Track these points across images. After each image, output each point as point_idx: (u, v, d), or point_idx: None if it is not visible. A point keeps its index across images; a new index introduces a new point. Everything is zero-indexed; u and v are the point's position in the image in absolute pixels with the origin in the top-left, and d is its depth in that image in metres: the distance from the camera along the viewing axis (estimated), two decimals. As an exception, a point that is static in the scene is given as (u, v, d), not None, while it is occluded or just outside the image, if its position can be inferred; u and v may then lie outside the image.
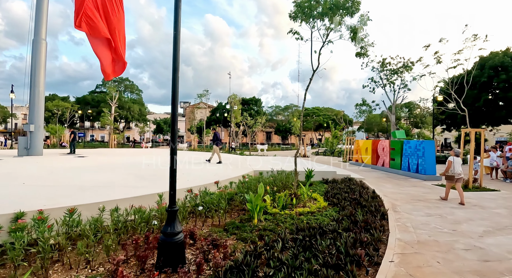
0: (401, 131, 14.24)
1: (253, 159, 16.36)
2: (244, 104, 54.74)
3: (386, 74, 29.09)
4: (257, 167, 11.41)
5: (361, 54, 6.60)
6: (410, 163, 12.32)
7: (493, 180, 11.82)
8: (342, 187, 8.76)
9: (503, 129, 40.24)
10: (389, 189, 9.07)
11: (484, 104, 23.49)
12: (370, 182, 10.52)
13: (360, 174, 12.61)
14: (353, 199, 7.03)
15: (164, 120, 58.82)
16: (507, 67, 21.64)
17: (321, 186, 9.24)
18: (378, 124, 52.74)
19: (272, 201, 6.48)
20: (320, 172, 10.61)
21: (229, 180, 7.94)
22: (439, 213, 6.06)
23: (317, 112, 58.63)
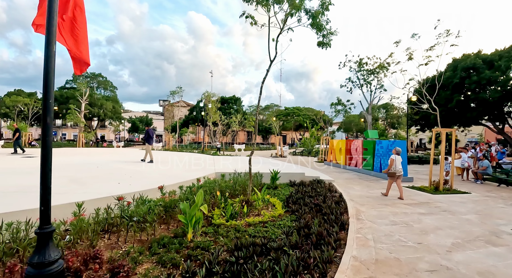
0: (373, 130, 13.85)
1: (223, 159, 15.46)
2: (224, 103, 53.62)
3: (363, 74, 29.12)
4: (221, 168, 10.53)
5: (324, 44, 5.89)
6: (382, 164, 11.89)
7: (464, 181, 11.60)
8: (308, 191, 8.07)
9: (474, 130, 41.61)
10: (357, 192, 8.48)
11: (456, 105, 23.81)
12: (339, 184, 9.93)
13: (331, 175, 12.05)
14: (316, 205, 6.33)
15: (140, 118, 56.49)
16: (479, 69, 22.00)
17: (286, 190, 8.52)
18: (357, 125, 53.30)
19: (223, 209, 5.64)
20: (287, 174, 9.89)
21: (181, 183, 7.01)
22: (405, 221, 5.45)
23: (297, 112, 58.41)
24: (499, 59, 21.61)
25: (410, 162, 19.50)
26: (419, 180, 11.36)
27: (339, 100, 27.66)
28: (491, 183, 11.13)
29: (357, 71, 29.02)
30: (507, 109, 24.71)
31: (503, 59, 21.28)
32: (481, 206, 6.83)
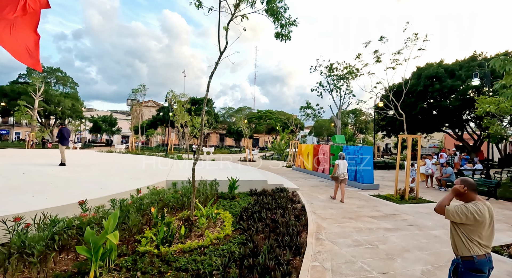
0: (341, 135, 13.46)
1: (183, 164, 14.26)
2: (195, 104, 51.88)
3: (333, 79, 29.29)
4: (175, 175, 9.41)
5: (282, 36, 5.10)
6: (349, 170, 11.42)
7: (428, 188, 11.47)
8: (268, 202, 7.24)
9: (436, 136, 43.78)
10: (321, 202, 7.80)
11: (420, 112, 24.55)
12: (304, 192, 9.25)
13: (297, 182, 11.38)
14: (272, 221, 5.49)
15: (103, 117, 52.88)
16: (441, 78, 22.83)
17: (245, 200, 7.62)
18: (327, 129, 54.10)
19: (157, 231, 4.61)
20: (248, 182, 9.01)
21: (116, 196, 5.84)
22: (370, 240, 4.77)
23: (270, 115, 58.14)
24: (459, 69, 22.57)
25: (377, 167, 19.58)
26: (385, 187, 11.03)
27: (308, 104, 27.49)
28: (454, 190, 11.08)
29: (327, 75, 29.12)
30: (466, 117, 25.97)
31: (463, 69, 22.25)
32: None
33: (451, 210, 2.24)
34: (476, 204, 2.23)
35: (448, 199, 2.33)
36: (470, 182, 2.33)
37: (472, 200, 2.29)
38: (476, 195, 2.32)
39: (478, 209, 2.18)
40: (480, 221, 2.17)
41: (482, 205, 2.23)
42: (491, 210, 2.27)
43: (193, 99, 52.47)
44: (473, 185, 2.32)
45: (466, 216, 2.18)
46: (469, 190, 2.30)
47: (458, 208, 2.22)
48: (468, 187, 2.30)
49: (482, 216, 2.17)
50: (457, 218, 2.22)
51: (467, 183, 2.32)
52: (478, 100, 12.44)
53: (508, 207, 8.10)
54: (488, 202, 2.32)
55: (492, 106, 11.63)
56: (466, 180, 2.35)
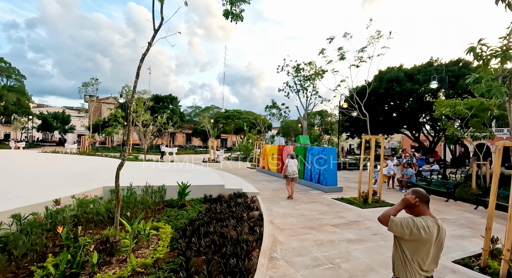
0: (305, 136, 13.01)
1: (135, 166, 12.86)
2: (159, 102, 49.36)
3: (299, 79, 29.22)
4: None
5: (233, 16, 4.27)
6: (313, 172, 10.97)
7: (390, 190, 11.38)
8: (222, 210, 6.38)
9: (395, 137, 45.98)
10: (282, 209, 7.10)
11: (381, 114, 25.30)
12: (265, 197, 8.51)
13: (259, 185, 10.64)
14: (221, 236, 4.63)
15: (54, 114, 48.07)
16: (401, 81, 23.66)
17: (195, 209, 6.67)
18: (294, 130, 54.55)
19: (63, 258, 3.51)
20: (203, 187, 8.04)
21: (22, 210, 4.61)
22: (331, 257, 4.11)
23: (238, 115, 57.24)
24: (417, 73, 23.54)
25: (341, 168, 19.61)
26: (348, 189, 10.70)
27: (274, 103, 27.04)
28: (414, 191, 11.07)
29: (294, 76, 28.97)
30: (422, 119, 27.29)
31: (421, 73, 23.22)
32: (412, 225, 6.04)
33: (395, 221, 1.96)
34: (426, 219, 1.96)
35: (395, 210, 2.05)
36: (422, 194, 2.06)
37: (423, 214, 2.01)
38: (428, 209, 2.05)
39: (426, 225, 1.91)
40: (426, 239, 1.90)
41: (432, 222, 1.95)
42: (442, 231, 1.98)
43: (157, 97, 49.89)
44: (425, 197, 2.05)
45: (411, 230, 1.90)
46: (420, 202, 2.02)
47: (404, 220, 1.94)
48: (420, 199, 2.03)
49: (429, 234, 1.90)
50: (400, 230, 1.94)
51: (419, 194, 2.05)
52: (436, 102, 12.69)
53: (468, 209, 8.06)
54: (440, 222, 2.01)
55: (448, 108, 11.90)
56: (418, 191, 2.08)
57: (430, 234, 1.89)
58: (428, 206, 2.05)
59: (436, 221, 1.97)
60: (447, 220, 6.65)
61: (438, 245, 1.96)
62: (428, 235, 1.89)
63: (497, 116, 11.56)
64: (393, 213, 2.04)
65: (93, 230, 4.96)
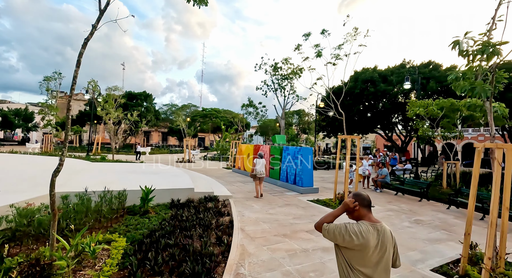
0: (281, 135, 12.69)
1: (100, 167, 11.88)
2: (132, 99, 47.25)
3: (277, 78, 29.01)
4: (75, 184, 7.34)
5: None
6: (289, 172, 10.64)
7: (365, 190, 11.31)
8: (189, 217, 5.82)
9: (369, 137, 47.27)
10: (255, 214, 6.65)
11: (356, 113, 25.68)
12: (238, 200, 8.02)
13: (232, 188, 10.14)
14: (182, 250, 4.09)
15: (15, 111, 44.45)
16: (375, 82, 24.13)
17: (159, 216, 6.07)
18: (273, 129, 54.53)
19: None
20: (170, 191, 7.41)
21: None
22: (304, 271, 3.71)
23: (215, 113, 56.24)
24: (391, 74, 24.09)
25: (317, 167, 19.56)
26: (324, 190, 10.48)
27: (250, 102, 26.57)
28: (389, 191, 11.09)
29: (272, 75, 28.70)
30: (395, 120, 28.08)
31: (394, 74, 23.79)
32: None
33: (328, 228, 1.85)
34: (361, 224, 1.83)
35: (333, 215, 1.93)
36: (363, 197, 1.94)
37: (362, 218, 1.89)
38: (370, 213, 1.91)
39: (360, 231, 1.78)
40: (361, 246, 1.76)
41: (369, 226, 1.81)
42: (384, 235, 1.83)
43: (129, 94, 47.74)
44: (365, 201, 1.92)
45: (343, 237, 1.78)
46: (360, 206, 1.90)
47: (337, 227, 1.82)
48: (360, 203, 1.91)
49: (364, 240, 1.75)
50: (333, 238, 1.83)
51: (359, 198, 1.93)
52: (409, 103, 12.82)
53: (441, 208, 8.06)
54: (385, 226, 1.89)
55: (421, 108, 12.07)
56: (359, 194, 1.96)
57: (364, 240, 1.74)
58: (370, 210, 1.92)
59: (376, 225, 1.83)
60: (422, 221, 6.53)
61: (382, 251, 1.80)
62: (362, 241, 1.74)
63: (466, 116, 11.87)
64: (330, 219, 1.91)
65: (32, 246, 4.23)
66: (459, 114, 11.89)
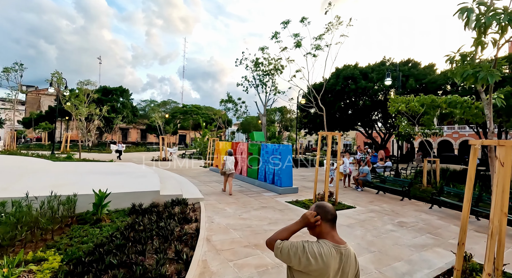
0: (260, 132, 12.05)
1: (58, 168, 10.74)
2: (107, 94, 44.97)
3: (258, 74, 28.33)
4: (16, 188, 6.34)
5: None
6: (267, 172, 10.02)
7: (346, 189, 10.92)
8: (147, 226, 5.04)
9: (350, 134, 47.78)
10: (226, 219, 5.96)
11: (338, 110, 25.53)
12: (210, 203, 7.30)
13: (207, 188, 9.40)
14: (128, 270, 3.34)
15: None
16: (356, 79, 24.04)
17: (112, 226, 5.25)
18: (255, 126, 53.94)
19: None
20: (131, 195, 6.57)
21: None
22: (275, 294, 3.07)
23: (196, 110, 54.83)
24: (371, 71, 24.06)
25: (299, 165, 19.12)
26: (304, 190, 9.97)
27: (229, 97, 25.73)
28: (370, 189, 10.76)
29: (253, 70, 27.97)
30: (375, 117, 28.25)
31: (374, 71, 23.77)
32: (371, 233, 5.33)
33: (282, 247, 1.48)
34: (323, 244, 1.47)
35: (289, 231, 1.55)
36: (326, 210, 1.55)
37: (324, 237, 1.52)
38: (333, 231, 1.54)
39: (320, 253, 1.42)
40: (318, 272, 1.41)
41: (331, 248, 1.46)
42: (348, 260, 1.49)
43: (104, 88, 45.45)
44: (329, 214, 1.54)
45: (299, 259, 1.42)
46: (322, 220, 1.53)
47: (292, 246, 1.46)
48: (322, 216, 1.53)
49: (323, 265, 1.41)
50: (285, 258, 1.47)
51: (321, 211, 1.55)
52: (391, 98, 12.54)
53: (423, 208, 7.73)
54: (350, 248, 1.54)
55: (402, 105, 11.82)
56: (322, 206, 1.57)
57: (324, 265, 1.42)
58: (334, 226, 1.56)
59: (339, 248, 1.50)
60: (405, 224, 6.11)
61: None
62: (321, 265, 1.42)
63: (445, 113, 11.74)
64: (285, 235, 1.55)
65: None
66: (439, 111, 11.76)
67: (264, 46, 17.60)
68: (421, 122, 12.13)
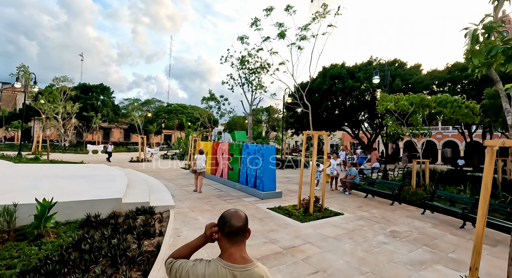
0: (241, 132, 11.29)
1: (13, 170, 9.59)
2: (87, 92, 43.02)
3: (244, 72, 27.52)
4: None
5: None
6: (249, 174, 9.25)
7: (333, 192, 10.30)
8: (96, 244, 4.17)
9: (337, 134, 47.67)
10: (195, 232, 5.14)
11: (325, 110, 25.07)
12: (181, 211, 6.46)
13: (182, 193, 8.54)
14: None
15: None
16: (343, 78, 23.63)
17: (57, 242, 4.37)
18: (241, 126, 53.10)
19: None
20: (86, 203, 5.64)
21: None
22: None
23: (181, 109, 53.35)
24: (358, 71, 23.72)
25: (285, 166, 18.44)
26: (289, 194, 9.27)
27: (211, 95, 24.72)
28: (358, 192, 10.18)
29: (238, 68, 27.13)
30: (361, 117, 28.01)
31: (362, 71, 23.43)
32: (362, 247, 4.65)
33: (171, 266, 1.29)
34: (211, 263, 1.25)
35: (189, 248, 1.34)
36: (225, 220, 1.28)
37: (221, 254, 1.28)
38: (233, 247, 1.26)
39: (202, 274, 1.21)
40: None
41: (221, 269, 1.21)
42: None
43: (84, 86, 43.50)
44: (226, 227, 1.26)
45: None
46: (222, 235, 1.27)
47: (180, 266, 1.27)
48: (220, 230, 1.28)
49: None
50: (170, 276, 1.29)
51: (221, 221, 1.29)
52: (380, 97, 12.08)
53: (415, 214, 7.15)
54: (254, 270, 1.24)
55: (392, 103, 11.33)
56: (223, 216, 1.30)
57: None
58: (235, 241, 1.25)
59: (234, 268, 1.21)
60: (399, 234, 5.47)
61: None
62: None
63: (434, 113, 11.32)
64: (185, 253, 1.32)
65: None
66: (428, 110, 11.34)
67: (243, 35, 16.48)
68: (409, 122, 11.69)
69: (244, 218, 1.32)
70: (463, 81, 18.84)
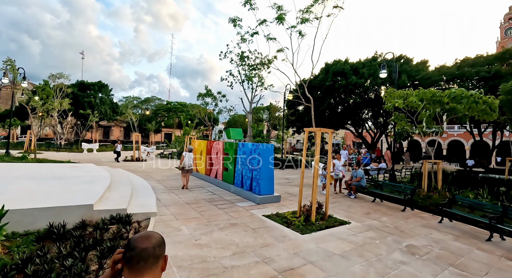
0: (237, 129, 10.43)
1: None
2: (84, 89, 42.29)
3: (244, 69, 26.64)
4: None
5: None
6: (244, 176, 8.41)
7: (336, 195, 9.45)
8: (49, 261, 3.36)
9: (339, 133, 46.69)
10: (175, 247, 4.30)
11: (327, 107, 24.18)
12: (163, 219, 5.63)
13: (170, 196, 7.70)
14: None
15: None
16: (346, 74, 22.71)
17: (7, 258, 3.53)
18: (242, 124, 52.27)
19: None
20: (50, 210, 4.82)
21: None
22: None
23: (181, 107, 52.54)
24: (362, 67, 22.79)
25: (285, 166, 17.56)
26: (288, 197, 8.43)
27: (208, 91, 23.79)
28: (364, 196, 9.33)
29: (238, 65, 26.25)
30: (365, 116, 27.10)
31: (365, 67, 22.51)
32: (375, 269, 3.81)
33: None
34: None
35: None
36: (130, 247, 1.00)
37: None
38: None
39: None
40: None
41: None
42: None
43: (81, 83, 42.75)
44: (127, 251, 1.00)
45: None
46: (124, 263, 1.00)
47: None
48: (124, 256, 1.01)
49: None
50: None
51: (126, 245, 1.03)
52: (387, 93, 11.17)
53: (432, 223, 6.29)
54: None
55: (401, 100, 10.44)
56: (132, 238, 1.04)
57: None
58: (132, 270, 0.97)
59: None
60: (417, 250, 4.61)
61: None
62: None
63: (448, 109, 10.42)
64: None
65: None
66: (439, 107, 10.44)
67: (235, 17, 14.87)
68: (419, 119, 10.80)
69: (155, 240, 1.04)
70: (474, 77, 17.89)
